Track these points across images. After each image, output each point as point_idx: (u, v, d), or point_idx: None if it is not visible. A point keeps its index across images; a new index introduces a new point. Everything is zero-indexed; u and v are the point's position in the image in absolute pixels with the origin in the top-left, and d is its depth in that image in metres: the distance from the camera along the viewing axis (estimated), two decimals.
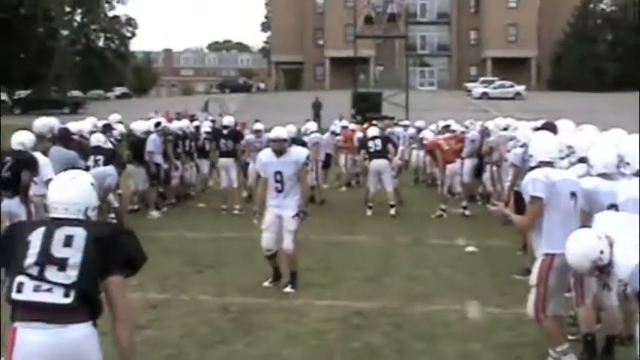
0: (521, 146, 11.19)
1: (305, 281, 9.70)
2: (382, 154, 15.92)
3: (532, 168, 6.37)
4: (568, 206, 6.05)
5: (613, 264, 5.00)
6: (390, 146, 16.27)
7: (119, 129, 16.33)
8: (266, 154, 9.53)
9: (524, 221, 6.31)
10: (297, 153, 9.55)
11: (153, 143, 15.30)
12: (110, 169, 12.55)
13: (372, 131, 16.84)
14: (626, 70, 77.26)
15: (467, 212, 15.67)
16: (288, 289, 9.16)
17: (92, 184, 4.02)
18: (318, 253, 11.63)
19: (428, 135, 18.94)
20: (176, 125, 17.59)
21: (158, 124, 16.32)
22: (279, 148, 9.34)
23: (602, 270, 5.16)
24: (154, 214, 15.29)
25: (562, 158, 6.28)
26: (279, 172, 9.25)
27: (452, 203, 16.21)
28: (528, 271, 9.72)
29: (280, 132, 9.61)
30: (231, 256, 11.41)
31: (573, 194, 6.09)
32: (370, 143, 16.03)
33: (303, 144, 16.24)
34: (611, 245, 5.07)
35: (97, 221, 4.06)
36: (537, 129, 11.13)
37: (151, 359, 6.66)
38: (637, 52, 78.29)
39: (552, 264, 5.99)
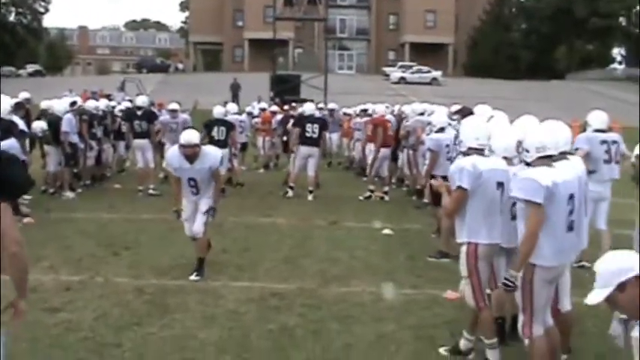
0: (438, 131, 11.40)
1: (222, 263, 9.70)
2: (316, 141, 15.91)
3: (463, 153, 6.41)
4: (494, 196, 6.05)
5: None
6: (323, 133, 16.23)
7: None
8: (177, 160, 8.89)
9: (449, 207, 6.24)
10: (211, 158, 8.92)
11: (68, 123, 14.98)
12: (11, 142, 12.18)
13: (310, 108, 16.64)
14: (538, 58, 79.27)
15: (387, 197, 15.83)
16: (193, 277, 8.89)
17: None
18: (236, 235, 11.62)
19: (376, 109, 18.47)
20: (92, 105, 17.25)
21: (74, 103, 15.99)
22: (191, 153, 8.73)
23: None
24: (69, 194, 15.01)
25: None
26: (192, 179, 8.92)
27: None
28: (442, 254, 10.03)
29: (191, 137, 8.84)
30: (147, 238, 11.30)
31: (500, 184, 6.07)
32: (308, 127, 15.78)
33: (231, 126, 16.19)
34: None
35: None
36: (454, 113, 11.38)
37: (65, 342, 6.58)
38: (549, 41, 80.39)
39: (477, 253, 6.03)
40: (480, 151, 6.23)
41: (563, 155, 5.61)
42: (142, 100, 17.00)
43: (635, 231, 7.50)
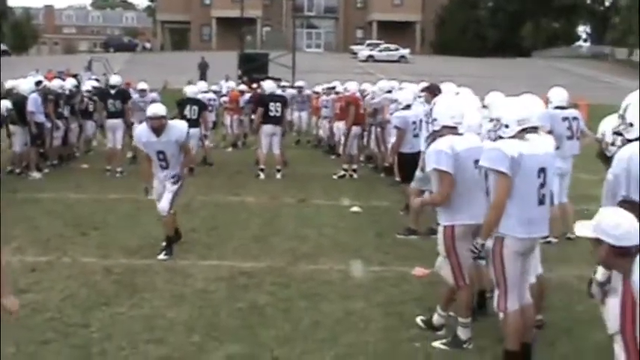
0: (404, 108, 11.43)
1: (190, 242, 9.68)
2: (279, 120, 15.84)
3: (436, 132, 6.39)
4: (472, 175, 6.00)
5: None
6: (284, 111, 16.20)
7: None
8: (145, 133, 9.00)
9: (439, 198, 6.14)
10: (177, 131, 9.02)
11: (34, 103, 14.80)
12: None
13: (270, 86, 16.53)
14: (505, 36, 79.69)
15: (355, 175, 15.85)
16: (162, 257, 8.87)
17: None
18: (204, 214, 11.61)
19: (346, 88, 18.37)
20: (57, 84, 17.04)
21: (39, 82, 15.81)
22: (158, 125, 8.85)
23: None
24: (35, 175, 14.87)
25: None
26: (161, 152, 8.95)
27: (338, 163, 16.39)
28: (410, 231, 10.08)
29: (157, 109, 9.04)
30: (115, 218, 11.24)
31: (477, 162, 5.94)
32: (271, 106, 15.62)
33: (203, 105, 16.13)
34: None
35: None
36: (421, 90, 11.42)
37: (32, 323, 6.53)
38: (516, 19, 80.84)
39: (454, 234, 6.04)
40: (454, 130, 6.23)
41: (534, 130, 5.62)
42: (115, 80, 16.83)
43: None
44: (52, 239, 9.73)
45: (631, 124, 4.92)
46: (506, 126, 5.51)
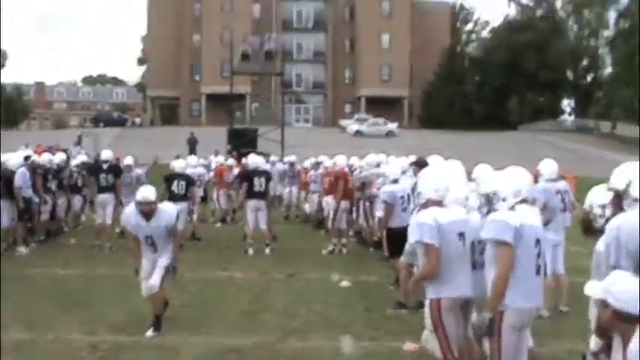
0: (391, 182, 11.48)
1: (179, 318, 9.56)
2: (264, 195, 15.88)
3: (421, 205, 6.41)
4: (456, 248, 6.01)
5: None
6: (268, 186, 16.26)
7: None
8: (133, 216, 8.92)
9: (427, 271, 6.06)
10: (167, 216, 8.93)
11: (21, 177, 14.80)
12: None
13: (254, 161, 16.64)
14: (491, 110, 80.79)
15: (344, 250, 15.81)
16: (150, 333, 8.74)
17: None
18: (193, 290, 11.52)
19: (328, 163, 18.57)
20: (46, 158, 17.06)
21: (27, 157, 15.82)
22: (147, 210, 8.77)
23: None
24: (22, 250, 14.76)
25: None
26: (149, 237, 8.88)
27: (327, 238, 16.36)
28: (401, 305, 10.00)
29: (148, 194, 8.89)
30: (102, 294, 11.13)
31: (461, 234, 6.04)
32: (255, 181, 15.70)
33: (191, 180, 16.16)
34: None
35: None
36: (410, 164, 11.49)
37: None
38: (501, 93, 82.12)
39: (440, 307, 5.98)
40: (438, 203, 6.24)
41: (524, 201, 5.65)
42: (107, 154, 16.88)
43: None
44: (37, 315, 9.60)
45: (635, 200, 4.94)
46: (504, 199, 5.54)
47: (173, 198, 14.44)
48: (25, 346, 8.14)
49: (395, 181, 11.46)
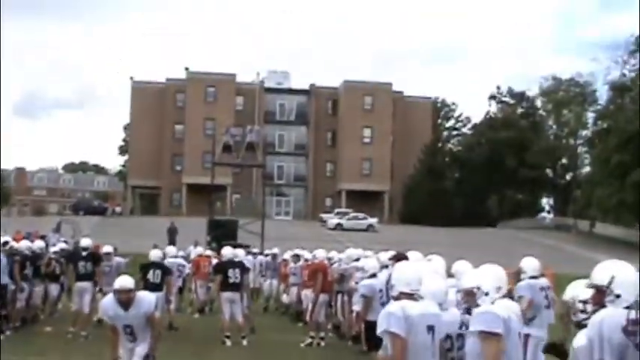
0: (370, 277, 11.57)
1: None
2: (238, 287, 15.82)
3: (394, 298, 6.41)
4: (424, 341, 5.99)
5: None
6: (244, 277, 16.21)
7: None
8: (111, 306, 8.81)
9: (396, 357, 6.00)
10: (146, 303, 8.86)
11: None
12: None
13: (228, 252, 16.65)
14: (471, 206, 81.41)
15: (322, 343, 15.73)
16: None
17: None
18: None
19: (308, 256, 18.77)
20: (24, 245, 17.01)
21: (5, 243, 15.77)
22: (125, 299, 8.67)
23: None
24: None
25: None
26: (128, 326, 8.80)
27: (306, 331, 16.27)
28: None
29: (125, 282, 8.87)
30: None
31: (431, 328, 6.04)
32: (230, 272, 15.68)
33: (167, 270, 16.13)
34: None
35: None
36: (389, 259, 11.58)
37: None
38: (481, 190, 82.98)
39: None
40: (411, 296, 6.26)
41: (507, 297, 5.75)
42: (86, 242, 16.92)
43: None
44: None
45: (618, 296, 5.02)
46: (486, 294, 5.62)
47: (148, 287, 14.38)
48: None
49: (373, 275, 11.55)
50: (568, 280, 8.23)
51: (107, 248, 17.67)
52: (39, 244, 18.36)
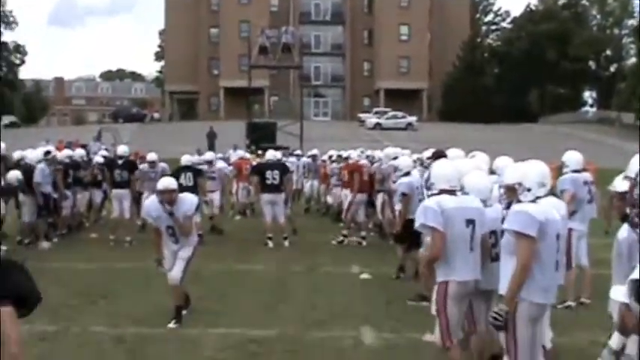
0: (404, 175, 11.52)
1: (200, 310, 9.62)
2: (277, 188, 15.84)
3: (434, 195, 6.38)
4: (463, 233, 6.01)
5: None
6: (285, 178, 16.20)
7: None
8: (155, 207, 9.00)
9: (431, 254, 6.13)
10: (187, 204, 9.02)
11: (40, 173, 14.90)
12: None
13: (269, 154, 16.64)
14: (511, 102, 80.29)
15: (364, 242, 15.84)
16: (172, 325, 8.82)
17: None
18: (213, 282, 11.57)
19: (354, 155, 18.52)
20: (66, 154, 17.16)
21: (47, 152, 15.90)
22: (168, 199, 8.85)
23: None
24: (44, 244, 14.89)
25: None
26: (171, 227, 8.96)
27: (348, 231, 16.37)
28: (421, 297, 9.98)
29: (169, 182, 9.09)
30: (124, 287, 11.22)
31: (470, 221, 6.04)
32: (268, 174, 15.73)
33: (198, 172, 16.16)
34: None
35: None
36: (429, 158, 11.50)
37: None
38: (521, 85, 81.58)
39: (447, 291, 5.98)
40: (451, 193, 6.24)
41: (549, 193, 5.63)
42: (122, 150, 17.02)
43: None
44: (61, 309, 9.68)
45: None
46: (529, 189, 5.51)
47: (182, 190, 14.46)
48: (50, 338, 8.22)
49: (407, 174, 11.52)
50: (611, 175, 8.12)
51: (151, 156, 17.68)
52: (80, 152, 18.49)
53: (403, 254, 11.78)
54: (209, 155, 19.92)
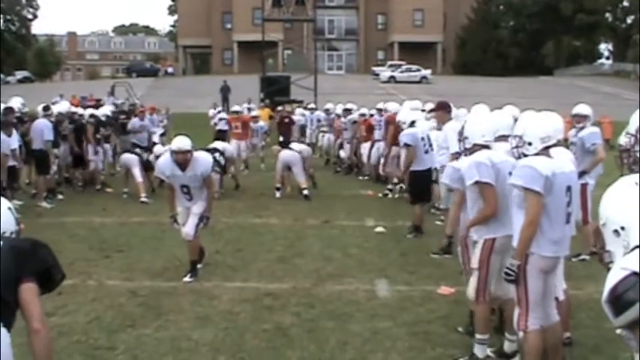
0: (409, 126, 11.49)
1: (215, 264, 9.68)
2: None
3: (468, 150, 6.36)
4: (509, 187, 5.83)
5: None
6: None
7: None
8: (168, 166, 8.90)
9: (488, 211, 5.96)
10: (202, 165, 8.90)
11: (47, 129, 14.73)
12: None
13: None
14: (526, 55, 79.50)
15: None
16: (187, 279, 8.85)
17: (9, 209, 3.89)
18: (228, 236, 11.61)
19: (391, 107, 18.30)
20: (91, 111, 17.54)
21: (46, 108, 15.54)
22: (183, 160, 8.73)
23: None
24: (45, 205, 14.41)
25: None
26: (185, 186, 8.90)
27: (365, 184, 16.37)
28: (444, 250, 9.78)
29: (183, 143, 8.81)
30: (139, 241, 11.27)
31: (511, 174, 5.88)
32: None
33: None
34: None
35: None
36: (430, 110, 11.47)
37: (58, 347, 6.52)
38: (537, 38, 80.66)
39: (493, 247, 5.95)
40: (485, 147, 6.18)
41: (557, 145, 5.55)
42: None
43: None
44: (77, 262, 9.75)
45: None
46: (530, 143, 5.44)
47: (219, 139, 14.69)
48: (66, 292, 8.26)
49: (412, 124, 11.45)
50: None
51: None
52: (104, 110, 18.58)
53: (419, 213, 11.71)
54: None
